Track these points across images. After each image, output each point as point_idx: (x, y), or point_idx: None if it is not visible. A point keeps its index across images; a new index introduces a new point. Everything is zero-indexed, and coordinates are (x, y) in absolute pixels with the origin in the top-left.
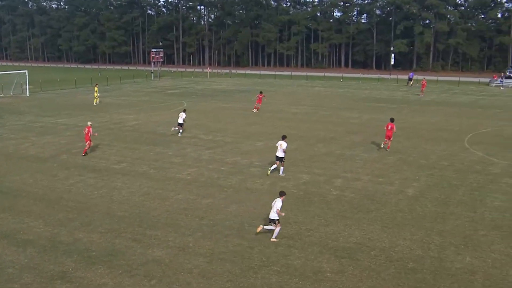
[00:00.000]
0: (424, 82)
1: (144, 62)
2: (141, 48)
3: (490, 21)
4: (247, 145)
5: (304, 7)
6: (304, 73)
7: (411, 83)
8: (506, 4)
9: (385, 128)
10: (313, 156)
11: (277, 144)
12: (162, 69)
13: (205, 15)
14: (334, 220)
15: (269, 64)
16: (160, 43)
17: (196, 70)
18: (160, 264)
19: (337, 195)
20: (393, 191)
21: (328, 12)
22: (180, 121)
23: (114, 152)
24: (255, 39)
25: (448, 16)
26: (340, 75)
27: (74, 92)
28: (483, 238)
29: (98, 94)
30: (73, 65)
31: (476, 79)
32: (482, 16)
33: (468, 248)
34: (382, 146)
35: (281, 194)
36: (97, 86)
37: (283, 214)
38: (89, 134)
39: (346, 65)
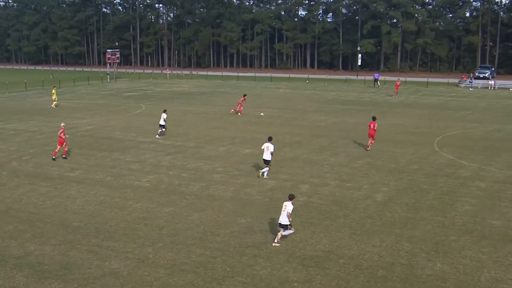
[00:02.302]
0: (398, 83)
1: (100, 63)
2: (96, 48)
3: (459, 20)
4: (210, 150)
5: (268, 6)
6: (268, 74)
7: (378, 84)
8: (474, 3)
9: (368, 127)
10: (279, 161)
11: (262, 147)
12: (119, 70)
13: (163, 13)
14: (301, 228)
15: (231, 65)
16: (116, 43)
17: (155, 71)
18: (118, 277)
19: (304, 201)
20: (362, 196)
21: (293, 10)
22: (162, 122)
23: (68, 159)
24: (216, 39)
25: (416, 15)
26: (305, 76)
27: (24, 96)
28: (454, 244)
29: (56, 97)
30: (23, 67)
31: (445, 80)
32: (450, 15)
33: (438, 254)
34: (369, 148)
35: (291, 197)
36: (55, 88)
37: (290, 219)
38: (63, 136)
39: (312, 65)
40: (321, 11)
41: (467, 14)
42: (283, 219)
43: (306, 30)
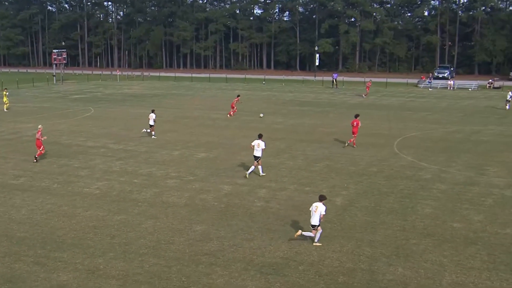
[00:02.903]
0: (369, 84)
1: (45, 64)
2: (41, 48)
3: (417, 19)
4: (163, 154)
5: (222, 4)
6: (223, 75)
7: (336, 84)
8: (432, 2)
9: (351, 124)
10: (236, 165)
11: (253, 144)
12: (66, 72)
13: (113, 12)
14: (259, 234)
15: (185, 66)
16: (63, 43)
17: (104, 72)
18: None
19: (261, 207)
20: None
21: (248, 9)
22: (151, 122)
23: (12, 166)
24: (169, 39)
25: (374, 14)
26: (262, 77)
27: None
28: (415, 247)
29: (7, 99)
30: None
31: (404, 80)
32: (409, 14)
33: (400, 258)
34: (347, 144)
35: (322, 198)
36: (6, 90)
37: (322, 220)
38: (40, 138)
39: (268, 66)
40: (277, 10)
41: (426, 13)
42: (315, 220)
43: (262, 29)
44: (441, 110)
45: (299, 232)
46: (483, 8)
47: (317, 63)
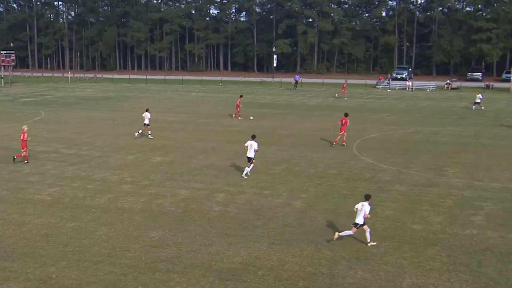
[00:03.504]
0: (345, 84)
1: None
2: None
3: (375, 20)
4: (117, 159)
5: (178, 4)
6: (179, 77)
7: (296, 86)
8: (390, 2)
9: (339, 122)
10: (192, 169)
11: (246, 144)
12: (14, 74)
13: (64, 11)
14: (218, 239)
15: (139, 67)
16: (11, 44)
17: (55, 75)
18: None
19: (220, 211)
20: (280, 204)
21: (204, 9)
22: (146, 121)
23: None
24: (122, 39)
25: (332, 14)
26: (219, 78)
27: None
28: (375, 250)
29: None
30: None
31: (363, 81)
32: (367, 14)
33: (360, 261)
34: (342, 144)
35: (367, 197)
36: None
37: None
38: (25, 140)
39: (225, 67)
40: (234, 10)
41: (384, 14)
42: (359, 219)
43: (219, 30)
44: (400, 111)
45: (336, 234)
46: (440, 8)
47: (275, 64)
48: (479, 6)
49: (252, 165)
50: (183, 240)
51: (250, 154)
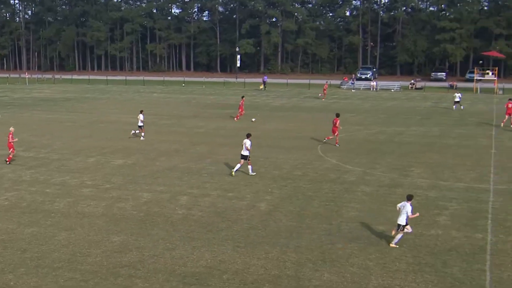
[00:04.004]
0: (326, 85)
1: None
2: None
3: (339, 19)
4: (77, 162)
5: (139, 3)
6: (140, 78)
7: (260, 87)
8: (354, 2)
9: (332, 122)
10: (155, 171)
11: (243, 143)
12: None
13: (20, 10)
14: (181, 243)
15: (99, 68)
16: None
17: (12, 75)
18: None
19: (183, 214)
20: (245, 206)
21: (166, 8)
22: (140, 123)
23: None
24: (81, 39)
25: (296, 14)
26: (181, 79)
27: None
28: (340, 252)
29: None
30: None
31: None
32: (331, 14)
33: (325, 263)
34: (336, 145)
35: (409, 198)
36: None
37: (418, 214)
38: (12, 141)
39: (188, 68)
40: (196, 9)
41: (348, 14)
42: (401, 219)
43: (181, 29)
44: (365, 112)
45: (392, 245)
46: (404, 8)
47: (238, 65)
48: (443, 6)
49: (249, 166)
50: (146, 244)
51: (244, 152)
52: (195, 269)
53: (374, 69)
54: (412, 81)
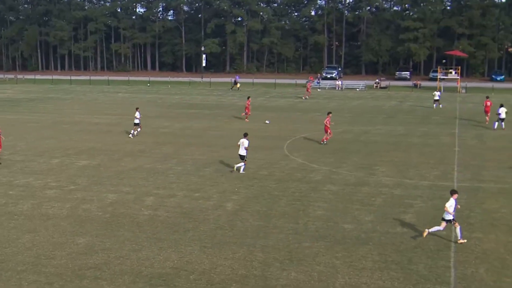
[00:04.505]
0: (309, 84)
1: None
2: None
3: (304, 19)
4: (41, 163)
5: (102, 2)
6: (105, 77)
7: (236, 86)
8: (319, 2)
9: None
10: (120, 172)
11: (239, 143)
12: None
13: None
14: (148, 244)
15: (63, 68)
16: None
17: None
18: None
19: (149, 215)
20: (212, 206)
21: (130, 8)
22: (136, 121)
23: None
24: (44, 39)
25: (261, 13)
26: (146, 79)
27: None
28: (307, 251)
29: None
30: None
31: (293, 81)
32: (296, 14)
33: (293, 262)
34: (325, 142)
35: (453, 192)
36: None
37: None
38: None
39: (153, 67)
40: (161, 9)
41: (313, 13)
42: (447, 215)
43: (146, 29)
44: (331, 111)
45: (426, 231)
46: (368, 8)
47: (204, 64)
48: (406, 6)
49: (242, 165)
50: (112, 245)
51: (242, 152)
52: (162, 270)
53: (339, 69)
54: (377, 80)
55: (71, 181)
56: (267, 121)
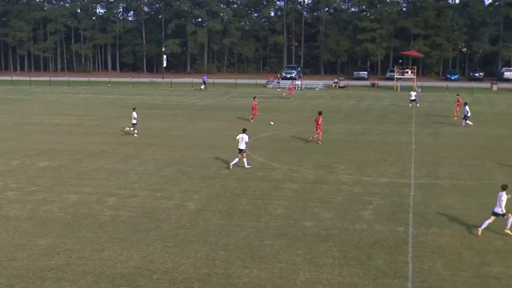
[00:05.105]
0: (291, 84)
1: None
2: None
3: (264, 20)
4: (1, 164)
5: (62, 3)
6: (65, 78)
7: (202, 86)
8: (278, 3)
9: (315, 121)
10: (82, 173)
11: (237, 138)
12: None
13: None
14: (110, 244)
15: (22, 69)
16: None
17: None
18: None
19: (111, 216)
20: (173, 206)
21: (90, 8)
22: (134, 121)
23: None
24: (3, 39)
25: (221, 14)
26: (107, 79)
27: None
28: (269, 248)
29: None
30: None
31: (253, 81)
32: (256, 14)
33: (254, 260)
34: (309, 139)
35: (504, 187)
36: None
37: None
38: None
39: (114, 68)
40: (121, 9)
41: (272, 14)
42: (497, 209)
43: (106, 29)
44: (291, 111)
45: (479, 230)
46: (327, 9)
47: (164, 65)
48: (364, 7)
49: (237, 159)
50: (73, 246)
51: (241, 146)
52: (124, 270)
53: (299, 69)
54: (336, 80)
55: (31, 182)
56: (271, 122)
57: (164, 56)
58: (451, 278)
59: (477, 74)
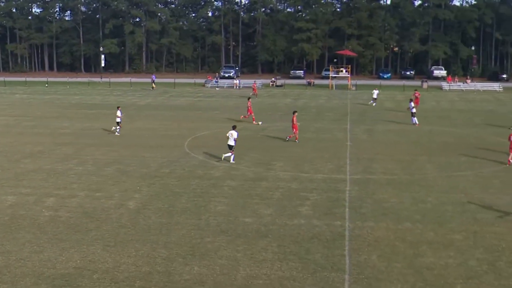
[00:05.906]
0: (254, 84)
1: None
2: None
3: (202, 20)
4: None
5: None
6: (1, 78)
7: (153, 86)
8: (216, 3)
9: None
10: (19, 174)
11: (227, 134)
12: None
13: None
14: (49, 245)
15: None
16: None
17: None
18: None
19: (50, 216)
20: (113, 205)
21: (26, 8)
22: (118, 119)
23: None
24: None
25: (159, 14)
26: (44, 79)
27: None
28: (209, 245)
29: None
30: None
31: (192, 80)
32: (193, 14)
33: (195, 257)
34: (287, 139)
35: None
36: None
37: None
38: None
39: (51, 68)
40: (58, 9)
41: (210, 14)
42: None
43: (42, 29)
44: (230, 109)
45: None
46: (263, 9)
47: (103, 64)
48: (299, 7)
49: (231, 154)
50: (12, 248)
51: (230, 142)
52: (65, 271)
53: (237, 68)
54: (273, 79)
55: None
56: (260, 122)
57: (102, 56)
58: (386, 269)
59: (408, 73)
